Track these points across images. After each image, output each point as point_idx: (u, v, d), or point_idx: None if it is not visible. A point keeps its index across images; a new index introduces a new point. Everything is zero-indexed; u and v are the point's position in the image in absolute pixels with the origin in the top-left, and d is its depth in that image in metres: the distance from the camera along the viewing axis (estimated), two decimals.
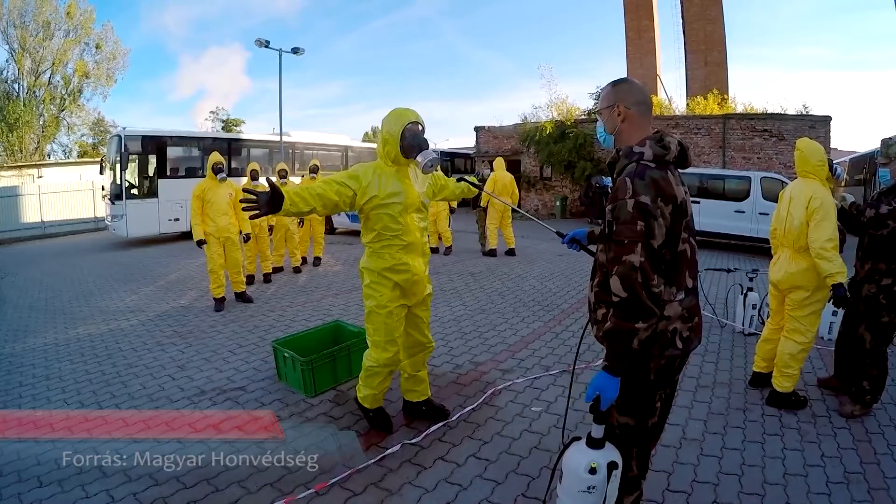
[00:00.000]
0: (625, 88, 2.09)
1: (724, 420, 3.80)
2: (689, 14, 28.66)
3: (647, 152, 1.93)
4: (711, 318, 6.28)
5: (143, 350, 5.40)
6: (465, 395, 4.20)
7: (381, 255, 3.30)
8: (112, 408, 4.04)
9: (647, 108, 2.09)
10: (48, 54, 33.44)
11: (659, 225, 1.83)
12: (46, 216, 19.13)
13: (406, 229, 3.27)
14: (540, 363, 4.86)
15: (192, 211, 6.94)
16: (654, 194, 1.83)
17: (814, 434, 3.60)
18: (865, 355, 3.89)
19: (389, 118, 3.24)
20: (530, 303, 7.15)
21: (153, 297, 7.91)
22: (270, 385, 4.42)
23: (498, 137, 23.24)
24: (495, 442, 3.48)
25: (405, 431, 3.60)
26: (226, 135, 21.43)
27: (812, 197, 3.68)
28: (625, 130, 2.07)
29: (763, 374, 4.28)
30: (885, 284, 3.80)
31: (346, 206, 3.15)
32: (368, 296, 3.36)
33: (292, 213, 2.92)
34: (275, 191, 2.75)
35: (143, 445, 3.43)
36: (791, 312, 3.94)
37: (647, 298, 1.80)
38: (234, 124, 39.69)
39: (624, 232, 1.83)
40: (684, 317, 1.98)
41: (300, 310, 6.92)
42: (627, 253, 1.81)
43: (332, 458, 3.27)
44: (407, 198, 3.24)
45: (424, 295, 3.53)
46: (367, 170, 3.22)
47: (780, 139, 17.41)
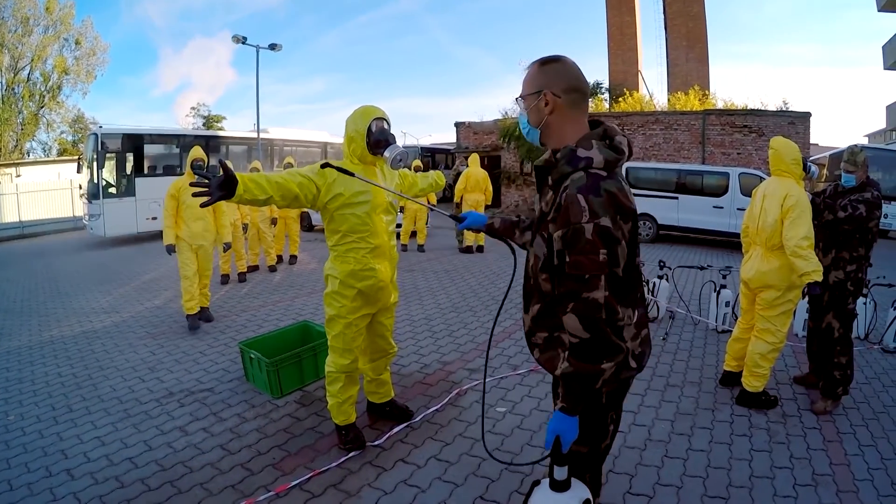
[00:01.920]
0: (554, 70, 1.70)
1: (692, 420, 3.81)
2: (671, 10, 28.80)
3: (595, 157, 1.58)
4: (685, 315, 6.37)
5: (115, 352, 5.36)
6: (431, 395, 4.21)
7: (345, 259, 3.18)
8: (82, 411, 4.02)
9: (583, 96, 1.72)
10: (27, 50, 33.00)
11: (622, 248, 1.52)
12: (25, 216, 18.90)
13: (373, 231, 3.15)
14: (508, 362, 4.87)
15: (164, 211, 6.08)
16: (614, 212, 1.51)
17: (783, 434, 3.60)
18: (834, 344, 3.97)
19: (354, 116, 3.15)
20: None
21: (128, 297, 7.86)
22: (238, 386, 4.41)
23: (478, 133, 23.20)
24: (457, 443, 3.48)
25: (368, 433, 3.59)
26: (203, 132, 21.27)
27: (787, 195, 3.68)
28: (553, 124, 1.71)
29: (734, 372, 4.31)
30: (850, 270, 3.96)
31: (307, 202, 3.00)
32: (329, 303, 3.26)
33: (247, 199, 2.66)
34: (228, 174, 2.52)
35: (111, 448, 3.45)
36: (762, 312, 3.94)
37: (613, 334, 1.52)
38: (216, 120, 39.26)
39: (584, 265, 1.49)
40: (633, 334, 1.71)
41: (272, 309, 6.90)
42: (589, 290, 1.49)
43: (293, 459, 3.28)
44: (374, 198, 3.13)
45: (390, 303, 3.46)
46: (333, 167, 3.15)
47: (760, 135, 17.55)
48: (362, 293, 3.22)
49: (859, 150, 4.03)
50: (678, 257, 11.29)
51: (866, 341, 5.53)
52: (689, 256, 11.34)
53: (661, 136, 19.10)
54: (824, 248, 4.06)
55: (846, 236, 3.96)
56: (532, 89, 1.71)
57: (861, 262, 3.99)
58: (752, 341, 4.01)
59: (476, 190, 10.85)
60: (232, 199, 2.58)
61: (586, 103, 1.75)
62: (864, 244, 3.98)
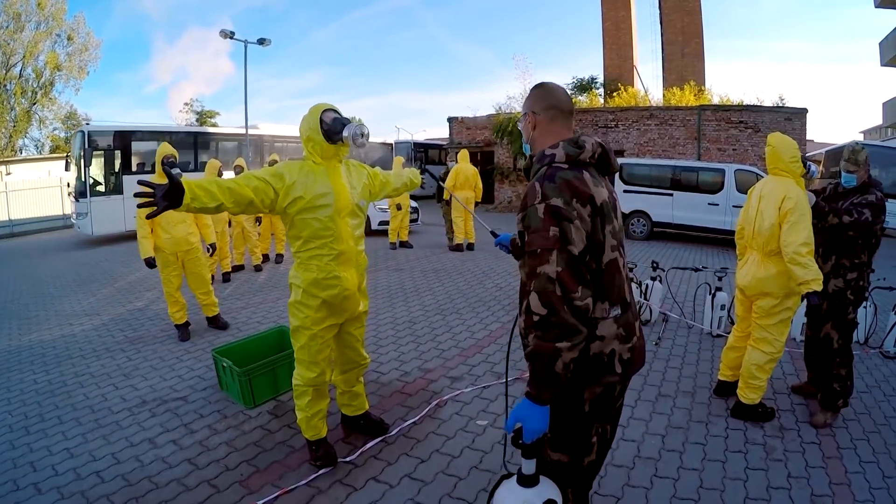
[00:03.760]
0: (536, 94, 1.99)
1: (684, 435, 3.61)
2: (666, 5, 28.61)
3: (558, 154, 1.78)
4: (678, 318, 6.21)
5: (91, 357, 5.25)
6: (409, 405, 4.03)
7: (308, 267, 3.00)
8: (54, 420, 3.92)
9: (560, 112, 1.94)
10: (19, 46, 32.61)
11: (576, 228, 1.63)
12: (14, 214, 18.67)
13: (337, 236, 2.96)
14: (492, 370, 4.70)
15: (137, 220, 5.36)
16: (569, 196, 1.65)
17: (780, 450, 3.41)
18: (833, 355, 3.75)
19: (304, 118, 3.00)
20: (491, 301, 7.02)
21: (110, 299, 7.73)
22: (212, 395, 4.26)
23: (471, 128, 23.12)
24: (434, 460, 3.31)
25: (341, 447, 3.43)
26: (192, 128, 21.07)
27: (785, 197, 3.43)
28: (537, 138, 1.95)
29: (728, 382, 4.10)
30: (851, 279, 3.70)
31: (264, 207, 2.82)
32: (293, 313, 3.09)
33: (196, 208, 2.48)
34: (173, 182, 2.36)
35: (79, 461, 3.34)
36: (758, 321, 3.71)
37: (570, 314, 1.58)
38: (210, 116, 39.09)
39: (535, 241, 1.64)
40: (622, 336, 1.78)
41: (254, 311, 6.73)
42: (541, 263, 1.60)
43: (261, 476, 3.13)
44: (338, 200, 2.94)
45: (358, 312, 3.26)
46: (292, 168, 2.92)
47: (756, 131, 17.45)
48: (327, 303, 3.04)
49: (861, 148, 3.73)
50: (672, 256, 11.15)
51: (866, 345, 5.32)
52: (683, 255, 11.21)
53: (655, 132, 19.00)
54: (824, 253, 3.82)
55: (848, 242, 3.72)
56: (523, 112, 2.03)
57: (862, 270, 3.75)
58: (748, 351, 3.79)
59: (466, 187, 10.71)
60: (179, 208, 2.40)
61: (566, 119, 1.96)
62: (866, 250, 3.74)
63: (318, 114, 2.95)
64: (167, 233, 5.45)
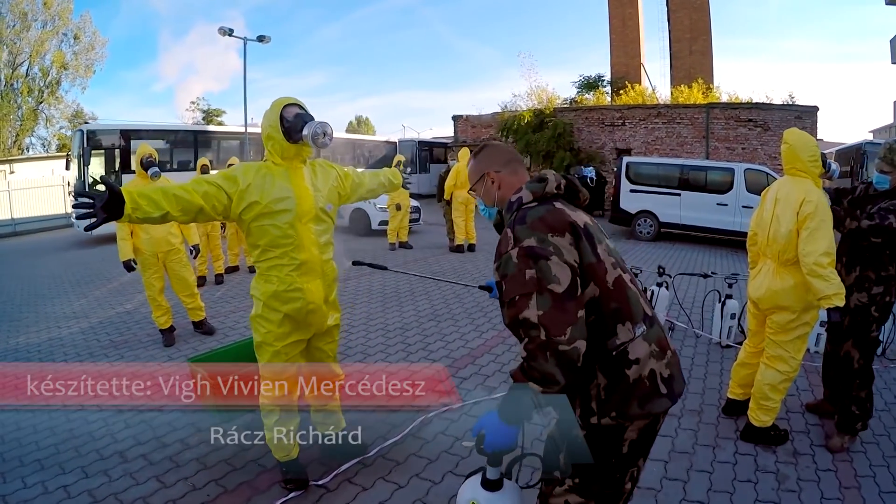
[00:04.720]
0: (488, 154, 1.95)
1: (689, 461, 3.30)
2: (673, 2, 28.21)
3: (524, 195, 1.74)
4: (685, 327, 5.93)
5: (74, 361, 5.14)
6: (392, 423, 3.77)
7: (268, 278, 2.78)
8: (29, 429, 3.79)
9: (518, 161, 1.95)
10: (25, 45, 32.99)
11: (557, 264, 1.52)
12: (17, 213, 18.71)
13: (299, 244, 2.73)
14: (484, 383, 4.45)
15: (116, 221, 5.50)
16: (544, 231, 1.57)
17: (794, 479, 3.11)
18: (854, 376, 3.43)
19: (265, 113, 2.77)
20: (488, 307, 6.76)
21: (101, 300, 7.62)
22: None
23: (476, 126, 23.06)
24: (412, 486, 3.06)
25: (315, 468, 3.20)
26: (192, 127, 21.01)
27: (804, 200, 3.09)
28: (504, 194, 1.87)
29: (738, 401, 3.77)
30: (876, 293, 3.35)
31: (216, 214, 2.60)
32: (255, 328, 2.88)
33: (139, 218, 2.33)
34: (112, 192, 2.20)
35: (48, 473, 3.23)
36: (773, 336, 3.37)
37: (551, 362, 1.44)
38: (216, 114, 39.07)
39: (512, 288, 1.54)
40: (656, 352, 1.64)
41: (243, 315, 6.51)
42: (520, 310, 1.50)
43: (228, 498, 2.95)
44: (299, 205, 2.71)
45: (327, 326, 3.02)
46: (247, 170, 2.69)
47: (766, 129, 17.16)
48: (290, 317, 2.81)
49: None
50: (680, 258, 10.88)
51: (884, 357, 4.96)
52: (691, 257, 10.95)
53: (663, 130, 18.76)
54: (847, 264, 3.45)
55: (874, 251, 3.34)
56: (476, 177, 1.94)
57: (889, 284, 3.37)
58: (761, 369, 3.44)
59: (465, 186, 10.41)
60: (121, 219, 2.23)
61: (522, 164, 1.95)
62: (894, 262, 3.37)
63: (279, 109, 2.71)
64: (146, 233, 5.25)
